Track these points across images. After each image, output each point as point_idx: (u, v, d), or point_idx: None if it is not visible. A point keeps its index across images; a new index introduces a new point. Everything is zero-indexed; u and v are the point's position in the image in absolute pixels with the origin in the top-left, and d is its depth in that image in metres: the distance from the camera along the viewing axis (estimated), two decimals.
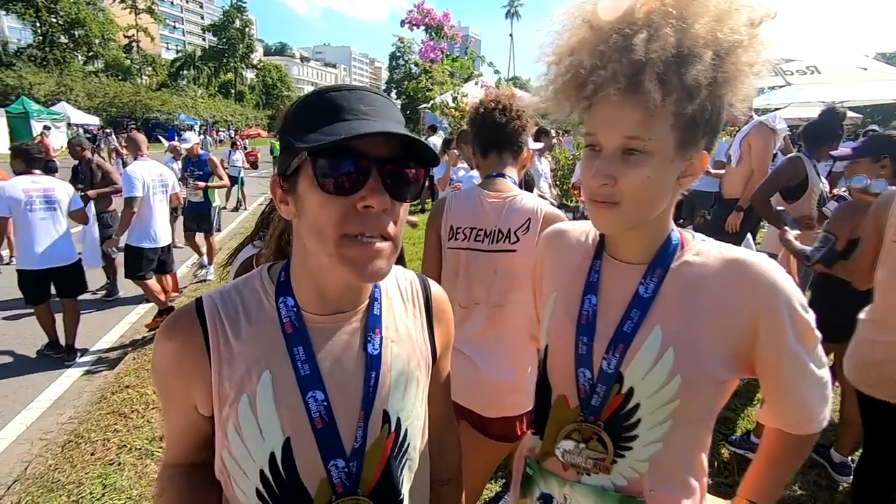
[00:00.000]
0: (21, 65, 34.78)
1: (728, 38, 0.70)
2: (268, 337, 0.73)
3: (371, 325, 0.77)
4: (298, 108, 0.69)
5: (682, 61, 0.70)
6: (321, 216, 0.65)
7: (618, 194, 0.76)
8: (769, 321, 0.77)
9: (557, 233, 1.02)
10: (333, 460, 0.71)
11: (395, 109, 0.71)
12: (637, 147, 0.74)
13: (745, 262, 0.79)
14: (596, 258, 0.90)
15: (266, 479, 0.71)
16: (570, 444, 0.87)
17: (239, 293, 0.76)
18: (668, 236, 0.85)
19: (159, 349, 0.73)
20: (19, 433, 3.19)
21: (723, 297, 0.79)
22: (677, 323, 0.80)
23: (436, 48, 4.80)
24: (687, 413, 0.81)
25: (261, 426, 0.70)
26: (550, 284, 0.98)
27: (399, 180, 0.67)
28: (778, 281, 0.77)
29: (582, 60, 0.75)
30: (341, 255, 0.65)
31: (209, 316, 0.73)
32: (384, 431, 0.75)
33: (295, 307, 0.73)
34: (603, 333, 0.85)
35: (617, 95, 0.72)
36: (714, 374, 0.80)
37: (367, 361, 0.75)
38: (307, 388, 0.71)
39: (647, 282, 0.83)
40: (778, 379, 0.82)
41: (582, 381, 0.86)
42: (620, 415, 0.83)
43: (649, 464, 0.83)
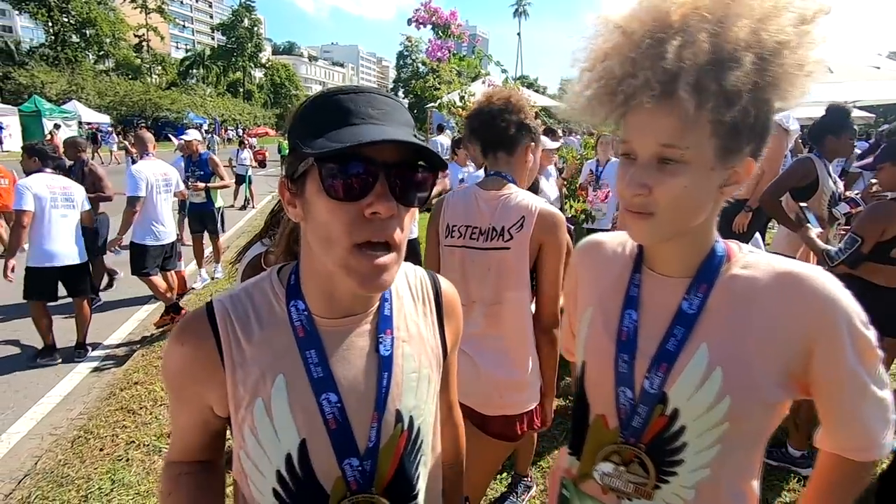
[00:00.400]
0: (33, 64, 35.23)
1: (773, 38, 0.66)
2: (280, 341, 0.73)
3: (382, 326, 0.77)
4: (307, 110, 0.69)
5: (719, 66, 0.66)
6: (329, 222, 0.65)
7: (652, 204, 0.72)
8: (827, 339, 0.72)
9: (593, 244, 0.97)
10: (348, 459, 0.72)
11: (404, 112, 0.70)
12: (672, 156, 0.70)
13: (800, 276, 0.73)
14: (635, 271, 0.86)
15: (283, 478, 0.72)
16: (608, 467, 0.82)
17: (249, 297, 0.76)
18: (713, 248, 0.80)
19: (171, 353, 0.74)
20: (30, 428, 3.23)
21: (775, 312, 0.73)
22: (725, 340, 0.75)
23: (443, 47, 4.78)
24: (737, 437, 0.76)
25: (276, 428, 0.71)
26: (587, 298, 0.93)
27: (407, 185, 0.66)
28: (837, 296, 0.72)
29: (613, 68, 0.72)
30: (348, 267, 0.65)
31: (220, 320, 0.73)
32: (397, 430, 0.76)
33: (306, 311, 0.74)
34: (645, 351, 0.80)
35: (650, 103, 0.69)
36: (766, 396, 0.74)
37: (379, 363, 0.75)
38: (321, 390, 0.72)
39: (691, 297, 0.78)
40: (836, 401, 0.76)
41: (622, 401, 0.82)
42: (664, 438, 0.78)
43: (696, 491, 0.78)
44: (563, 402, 3.31)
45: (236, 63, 59.06)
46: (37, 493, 2.54)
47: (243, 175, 11.52)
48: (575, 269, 1.01)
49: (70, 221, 3.94)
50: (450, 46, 4.85)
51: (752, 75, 0.66)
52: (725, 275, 0.79)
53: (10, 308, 5.02)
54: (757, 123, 0.71)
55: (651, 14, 0.70)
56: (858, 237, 2.24)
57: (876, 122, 11.96)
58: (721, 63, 0.66)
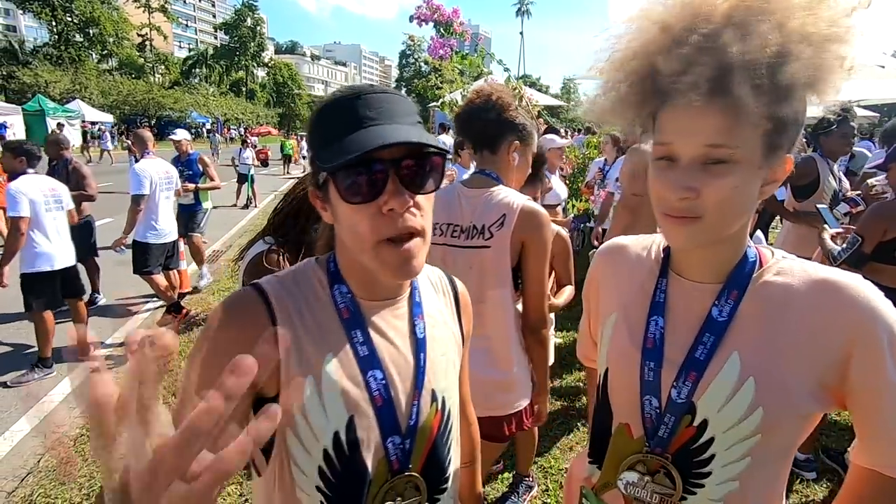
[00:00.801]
0: (37, 63, 35.32)
1: (823, 31, 0.64)
2: (327, 322, 0.76)
3: (416, 310, 0.82)
4: (315, 122, 0.73)
5: (776, 60, 0.63)
6: (353, 224, 0.70)
7: (699, 208, 0.69)
8: (866, 350, 0.68)
9: (616, 248, 0.94)
10: (391, 437, 0.76)
11: (404, 103, 0.73)
12: (722, 156, 0.67)
13: (837, 284, 0.71)
14: (661, 276, 0.83)
15: (329, 457, 0.74)
16: (633, 476, 0.80)
17: (295, 281, 0.79)
18: (745, 253, 0.77)
19: (224, 328, 0.72)
20: (32, 426, 3.24)
21: (811, 321, 0.71)
22: (757, 350, 0.73)
23: (445, 45, 4.77)
24: (767, 450, 0.74)
25: (325, 406, 0.73)
26: (610, 304, 0.91)
27: (417, 174, 0.70)
28: (878, 305, 0.69)
29: (651, 66, 0.69)
30: (378, 259, 0.70)
31: (275, 300, 0.75)
32: (432, 409, 0.80)
33: (349, 293, 0.78)
34: (672, 359, 0.78)
35: (699, 101, 0.65)
36: (799, 407, 0.72)
37: (416, 344, 0.80)
38: (367, 367, 0.75)
39: (721, 303, 0.75)
40: (874, 414, 0.72)
41: (648, 410, 0.79)
42: (692, 449, 0.76)
43: (724, 503, 0.76)
44: (564, 402, 3.30)
45: (239, 62, 59.13)
46: (39, 491, 2.55)
47: (245, 174, 11.54)
48: (595, 273, 0.98)
49: (61, 222, 3.89)
50: (452, 44, 4.84)
51: (808, 69, 0.64)
52: (758, 281, 0.76)
53: (13, 307, 5.04)
54: (799, 118, 0.69)
55: (690, 9, 0.67)
56: (859, 237, 2.24)
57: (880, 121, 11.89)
58: (780, 56, 0.63)
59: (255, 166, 12.37)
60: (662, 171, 0.72)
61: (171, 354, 0.44)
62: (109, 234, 5.15)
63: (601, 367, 0.90)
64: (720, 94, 0.65)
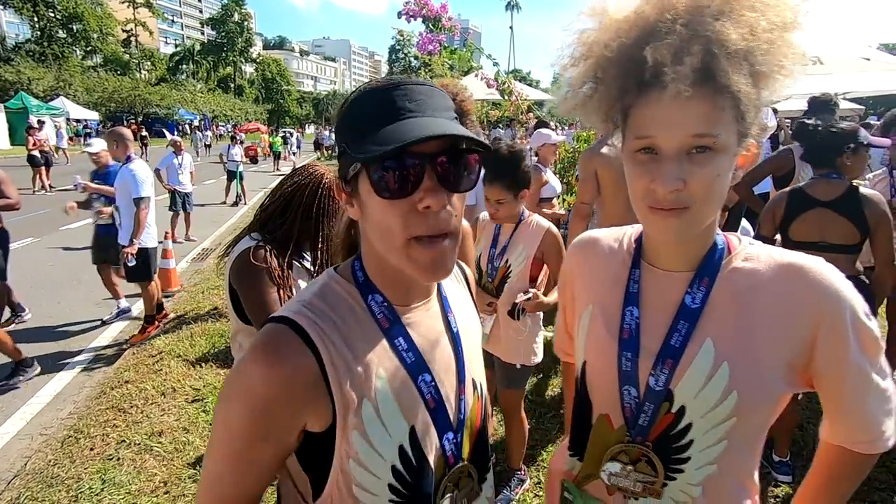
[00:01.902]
0: (19, 60, 34.65)
1: (788, 19, 0.66)
2: (369, 337, 0.73)
3: (446, 306, 0.83)
4: (349, 112, 0.69)
5: (765, 48, 0.65)
6: (385, 220, 0.67)
7: (687, 198, 0.69)
8: (831, 331, 0.71)
9: (588, 241, 0.95)
10: (446, 434, 0.76)
11: (442, 97, 0.71)
12: (707, 144, 0.67)
13: (802, 267, 0.73)
14: (634, 267, 0.84)
15: (398, 472, 0.72)
16: (616, 466, 0.81)
17: (326, 303, 0.73)
18: (714, 241, 0.79)
19: (265, 377, 0.66)
20: (19, 428, 3.20)
21: (780, 304, 0.73)
22: (730, 335, 0.74)
23: (434, 40, 4.75)
24: (742, 432, 0.76)
25: (385, 424, 0.71)
26: (585, 297, 0.91)
27: (455, 172, 0.67)
28: (839, 286, 0.72)
29: (633, 55, 0.68)
30: (409, 258, 0.67)
31: (313, 332, 0.69)
32: (475, 398, 0.82)
33: (385, 303, 0.75)
34: (648, 348, 0.79)
35: (689, 92, 0.64)
36: (772, 389, 0.74)
37: (454, 339, 0.80)
38: (416, 373, 0.74)
39: (693, 291, 0.77)
40: (840, 393, 0.75)
41: (627, 400, 0.80)
42: (670, 435, 0.77)
43: (702, 487, 0.77)
44: (555, 396, 3.32)
45: (227, 58, 58.44)
46: (26, 494, 2.52)
47: (234, 171, 11.43)
48: (569, 268, 0.99)
49: None
50: (441, 40, 4.81)
51: (787, 56, 0.66)
52: (727, 268, 0.77)
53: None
54: (762, 104, 0.70)
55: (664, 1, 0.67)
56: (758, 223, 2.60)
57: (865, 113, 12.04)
58: (767, 45, 0.65)
59: (243, 163, 12.25)
60: (645, 165, 0.71)
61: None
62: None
63: (579, 359, 0.91)
64: (705, 83, 0.65)
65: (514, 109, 5.81)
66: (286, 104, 65.06)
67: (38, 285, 5.68)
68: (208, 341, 4.20)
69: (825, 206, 2.36)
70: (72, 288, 5.63)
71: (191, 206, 8.02)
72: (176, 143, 7.94)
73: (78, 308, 5.10)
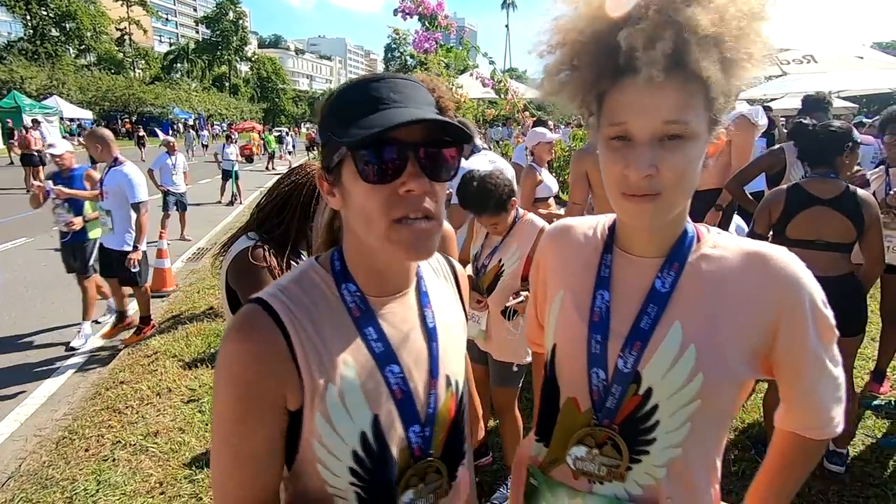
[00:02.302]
0: (12, 59, 34.40)
1: (755, 8, 0.67)
2: (339, 325, 0.75)
3: (424, 300, 0.83)
4: (335, 103, 0.72)
5: (735, 35, 0.66)
6: (367, 204, 0.68)
7: (658, 184, 0.70)
8: (792, 318, 0.74)
9: (562, 229, 0.96)
10: (412, 427, 0.77)
11: (424, 92, 0.74)
12: (678, 132, 0.68)
13: (767, 256, 0.76)
14: (606, 252, 0.85)
15: (359, 457, 0.74)
16: (582, 451, 0.82)
17: (301, 287, 0.77)
18: (685, 228, 0.81)
19: (239, 354, 0.69)
20: (13, 430, 3.18)
21: (745, 291, 0.75)
22: (698, 319, 0.76)
23: (429, 38, 4.74)
24: (706, 415, 0.77)
25: (349, 410, 0.73)
26: (557, 283, 0.92)
27: (436, 161, 0.70)
28: (801, 275, 0.74)
29: (608, 43, 0.68)
30: (390, 239, 0.69)
31: (283, 313, 0.72)
32: (448, 394, 0.82)
33: (358, 292, 0.77)
34: (618, 331, 0.80)
35: (661, 77, 0.65)
36: (736, 373, 0.76)
37: (428, 333, 0.81)
38: (384, 363, 0.75)
39: (663, 276, 0.78)
40: (796, 380, 0.79)
41: (595, 383, 0.81)
42: (637, 417, 0.78)
43: (666, 469, 0.79)
44: None
45: (221, 57, 58.22)
46: (21, 496, 2.50)
47: (230, 171, 11.39)
48: (541, 256, 0.99)
49: None
50: (437, 38, 4.81)
51: (756, 44, 0.67)
52: (696, 254, 0.79)
53: None
54: (733, 94, 0.72)
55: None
56: (753, 219, 2.60)
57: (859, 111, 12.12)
58: (736, 32, 0.66)
59: (238, 162, 12.20)
60: (619, 151, 0.72)
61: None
62: None
63: (549, 344, 0.91)
64: (677, 69, 0.66)
65: (510, 108, 5.81)
66: (282, 103, 64.82)
67: (32, 285, 5.65)
68: (204, 341, 4.18)
69: (825, 205, 2.38)
70: (65, 288, 5.58)
71: (186, 205, 7.95)
72: (169, 143, 7.87)
73: (71, 308, 5.05)
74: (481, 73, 5.93)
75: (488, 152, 3.67)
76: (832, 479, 2.51)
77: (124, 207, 4.11)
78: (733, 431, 2.90)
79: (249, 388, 0.69)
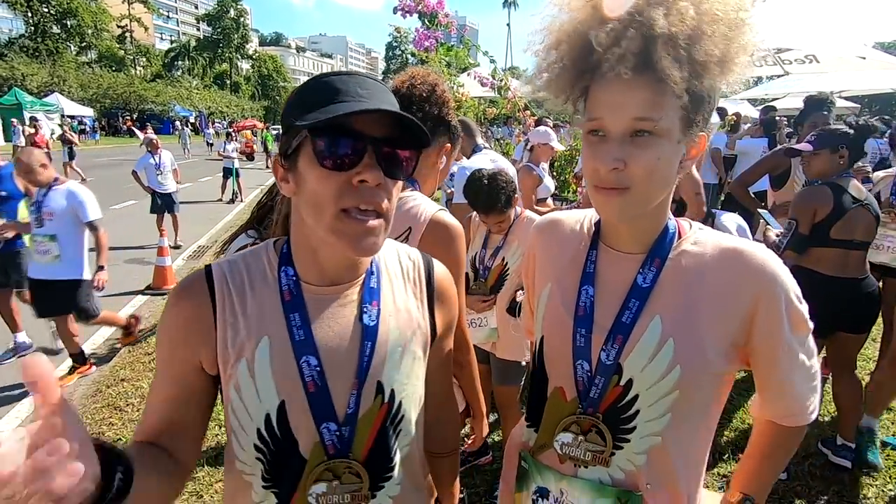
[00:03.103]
0: (13, 56, 34.42)
1: (731, 15, 0.69)
2: (268, 305, 0.77)
3: (368, 297, 0.80)
4: (300, 92, 0.74)
5: (696, 37, 0.68)
6: (319, 191, 0.69)
7: (627, 178, 0.73)
8: (767, 310, 0.77)
9: (551, 223, 0.99)
10: (325, 423, 0.76)
11: (391, 95, 0.75)
12: (647, 128, 0.71)
13: (743, 251, 0.78)
14: (592, 248, 0.89)
15: (262, 436, 0.76)
16: (568, 437, 0.86)
17: (246, 263, 0.80)
18: (666, 225, 0.83)
19: (170, 310, 0.78)
20: (13, 427, 3.18)
21: (722, 286, 0.78)
22: (677, 313, 0.79)
23: (430, 36, 4.73)
24: (686, 406, 0.80)
25: (258, 389, 0.75)
26: (545, 276, 0.96)
27: (392, 159, 0.71)
28: (776, 270, 0.77)
29: (587, 40, 0.71)
30: (336, 230, 0.69)
31: (217, 282, 0.77)
32: (377, 401, 0.79)
33: (294, 276, 0.78)
34: (601, 324, 0.83)
35: (628, 74, 0.68)
36: (714, 365, 0.79)
37: (363, 332, 0.78)
38: (301, 352, 0.75)
39: (645, 271, 0.82)
40: (773, 370, 0.82)
41: (580, 374, 0.85)
42: (619, 407, 0.82)
43: (646, 457, 0.82)
44: None
45: (223, 54, 58.22)
46: None
47: (230, 168, 11.38)
48: (531, 248, 1.02)
49: None
50: (437, 36, 4.80)
51: (720, 47, 0.69)
52: (677, 250, 0.82)
53: None
54: (711, 97, 0.74)
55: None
56: (794, 220, 2.49)
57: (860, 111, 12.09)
58: (697, 33, 0.68)
59: (239, 160, 12.20)
60: (594, 145, 0.76)
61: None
62: None
63: (537, 335, 0.95)
64: (646, 68, 0.69)
65: (511, 107, 5.80)
66: (282, 101, 64.57)
67: None
68: None
69: (861, 206, 2.44)
70: None
71: (177, 207, 7.31)
72: (151, 141, 7.33)
73: None
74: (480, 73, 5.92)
75: (489, 151, 3.67)
76: (832, 478, 2.51)
77: (76, 230, 3.50)
78: (733, 431, 2.90)
79: (169, 337, 0.78)
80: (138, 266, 6.42)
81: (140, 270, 6.21)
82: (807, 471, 2.58)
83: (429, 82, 1.41)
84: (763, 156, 4.63)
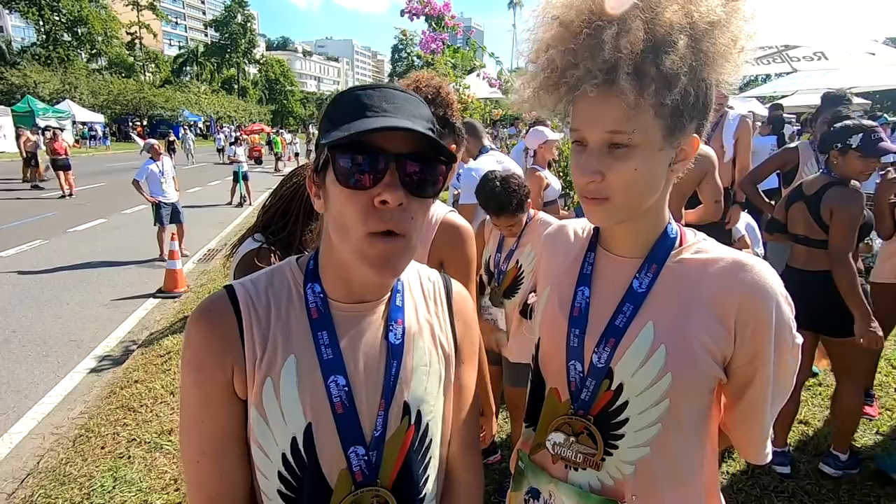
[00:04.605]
0: (25, 63, 34.95)
1: (704, 19, 0.68)
2: (295, 323, 0.74)
3: (394, 315, 0.78)
4: (329, 106, 0.72)
5: (656, 51, 0.67)
6: (344, 211, 0.67)
7: (606, 189, 0.74)
8: (755, 331, 0.75)
9: (556, 229, 1.01)
10: (353, 447, 0.72)
11: (421, 106, 0.72)
12: (621, 140, 0.71)
13: (743, 265, 0.76)
14: (590, 251, 0.89)
15: (288, 463, 0.72)
16: (560, 437, 0.85)
17: (269, 281, 0.78)
18: (665, 230, 0.82)
19: (194, 333, 0.72)
20: (31, 428, 3.24)
21: (716, 297, 0.76)
22: (670, 320, 0.78)
23: (436, 39, 4.75)
24: (677, 417, 0.78)
25: (283, 410, 0.71)
26: (545, 279, 0.97)
27: (417, 176, 0.67)
28: (772, 289, 0.75)
29: (555, 59, 0.72)
30: (361, 254, 0.67)
31: (242, 301, 0.74)
32: (404, 423, 0.76)
33: (321, 294, 0.75)
34: (594, 326, 0.83)
35: (594, 92, 0.69)
36: (704, 375, 0.78)
37: (389, 350, 0.76)
38: (329, 372, 0.72)
39: (641, 276, 0.81)
40: (744, 394, 0.80)
41: (573, 375, 0.85)
42: (609, 411, 0.81)
43: (635, 467, 0.80)
44: None
45: (230, 59, 58.69)
46: (40, 492, 2.56)
47: (238, 172, 11.47)
48: (539, 254, 1.05)
49: None
50: (443, 38, 4.83)
51: (687, 57, 0.68)
52: (675, 258, 0.81)
53: (7, 309, 5.03)
54: (698, 101, 0.73)
55: (587, 4, 0.70)
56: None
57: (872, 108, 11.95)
58: (657, 48, 0.67)
59: (247, 163, 12.29)
60: (577, 155, 0.77)
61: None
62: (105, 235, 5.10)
63: (535, 336, 0.95)
64: (611, 85, 0.68)
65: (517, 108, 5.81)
66: (290, 105, 65.19)
67: (47, 286, 5.74)
68: None
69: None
70: (79, 289, 5.69)
71: (182, 216, 7.04)
72: (152, 146, 6.97)
73: (86, 309, 5.16)
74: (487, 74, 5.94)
75: (496, 152, 3.68)
76: (841, 480, 2.49)
77: None
78: None
79: (203, 369, 0.71)
80: (149, 269, 6.51)
81: (151, 274, 6.29)
82: (817, 469, 2.56)
83: (433, 85, 1.43)
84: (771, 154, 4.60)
